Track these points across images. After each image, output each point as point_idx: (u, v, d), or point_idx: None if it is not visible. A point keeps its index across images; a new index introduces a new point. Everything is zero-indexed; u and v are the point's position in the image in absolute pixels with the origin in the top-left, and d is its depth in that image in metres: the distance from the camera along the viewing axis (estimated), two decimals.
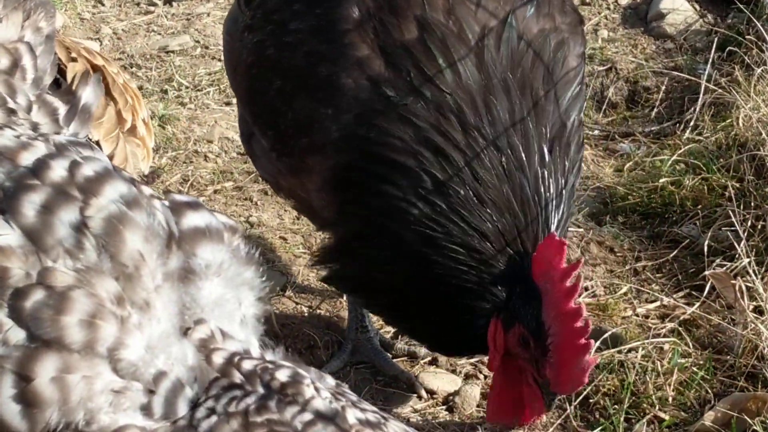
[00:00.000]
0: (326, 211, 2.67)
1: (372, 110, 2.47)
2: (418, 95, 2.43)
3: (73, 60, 2.73)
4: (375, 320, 3.05)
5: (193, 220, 1.58)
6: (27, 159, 1.53)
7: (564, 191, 2.53)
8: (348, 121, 2.48)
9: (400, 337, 3.09)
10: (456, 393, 2.81)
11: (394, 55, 2.47)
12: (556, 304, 2.35)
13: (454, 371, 2.91)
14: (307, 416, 1.43)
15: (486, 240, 2.46)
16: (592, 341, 2.33)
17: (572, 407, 2.67)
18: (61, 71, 2.59)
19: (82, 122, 2.03)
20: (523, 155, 2.46)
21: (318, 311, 3.17)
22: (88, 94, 2.17)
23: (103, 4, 4.92)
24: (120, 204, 1.50)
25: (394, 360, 2.97)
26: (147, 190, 1.60)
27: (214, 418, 1.43)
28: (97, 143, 2.60)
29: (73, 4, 4.97)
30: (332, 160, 2.51)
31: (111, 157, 2.44)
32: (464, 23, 2.48)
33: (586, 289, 3.12)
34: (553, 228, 2.48)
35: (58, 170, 1.51)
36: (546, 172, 2.49)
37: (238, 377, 1.48)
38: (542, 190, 2.49)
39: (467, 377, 2.90)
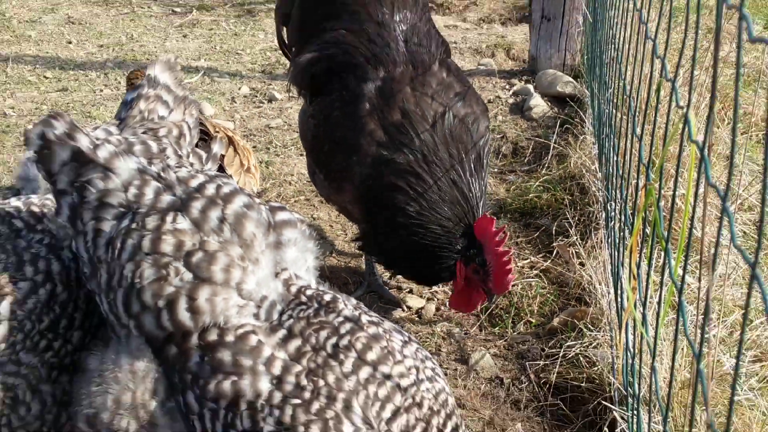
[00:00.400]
0: (356, 213, 3.27)
1: (377, 160, 3.03)
2: (401, 151, 3.01)
3: (216, 132, 3.34)
4: (380, 270, 3.62)
5: (281, 216, 1.95)
6: (194, 183, 1.86)
7: (483, 192, 3.10)
8: (365, 165, 3.04)
9: (393, 278, 3.67)
10: (422, 308, 3.50)
11: (388, 129, 3.03)
12: (494, 253, 2.92)
13: (421, 296, 3.59)
14: (340, 318, 1.82)
15: (449, 221, 3.01)
16: (513, 266, 2.91)
17: (485, 316, 3.38)
18: (211, 137, 3.15)
19: (213, 162, 2.44)
20: (461, 174, 3.03)
21: (349, 265, 3.84)
22: (217, 148, 2.73)
23: (235, 102, 5.70)
24: (243, 207, 1.85)
25: (390, 290, 3.60)
26: (257, 200, 1.93)
27: (291, 320, 1.80)
28: (230, 176, 2.67)
29: (220, 103, 5.65)
30: (357, 188, 3.11)
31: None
32: (425, 110, 3.06)
33: None
34: (482, 211, 3.07)
35: (210, 189, 1.85)
36: (474, 182, 3.06)
37: (304, 298, 1.87)
38: (473, 191, 3.06)
39: (428, 300, 3.57)
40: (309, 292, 1.87)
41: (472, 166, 3.10)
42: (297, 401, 1.66)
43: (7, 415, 1.89)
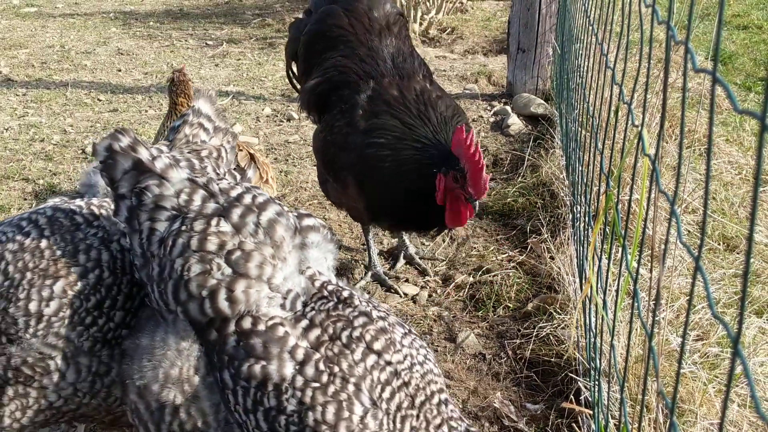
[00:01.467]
0: (360, 204, 3.24)
1: (362, 145, 3.07)
2: (378, 130, 3.03)
3: (240, 150, 3.36)
4: (381, 262, 3.65)
5: (307, 222, 1.95)
6: (234, 193, 1.86)
7: (454, 113, 3.13)
8: (355, 153, 3.09)
9: (392, 269, 3.68)
10: (416, 295, 3.49)
11: (370, 119, 3.06)
12: (467, 157, 2.82)
13: (416, 284, 3.57)
14: (355, 313, 1.82)
15: (422, 139, 2.99)
16: (485, 165, 2.84)
17: (471, 302, 3.37)
18: (236, 154, 2.93)
19: (246, 181, 2.42)
20: (431, 113, 3.07)
21: (355, 258, 3.83)
22: (251, 174, 3.01)
23: (259, 121, 5.72)
24: (275, 214, 1.85)
25: (389, 280, 3.58)
26: (286, 207, 1.92)
27: (313, 312, 1.80)
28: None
29: (246, 121, 5.67)
30: (355, 177, 3.13)
31: None
32: (408, 101, 3.09)
33: (474, 249, 3.79)
34: (454, 126, 3.03)
35: (247, 198, 1.84)
36: (441, 105, 3.09)
37: (325, 293, 1.86)
38: (440, 111, 3.07)
39: (421, 288, 3.55)
40: (330, 288, 1.87)
41: (443, 115, 3.10)
42: (316, 384, 1.67)
43: (39, 381, 1.92)
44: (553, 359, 2.92)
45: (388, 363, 1.75)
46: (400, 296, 3.51)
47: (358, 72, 3.24)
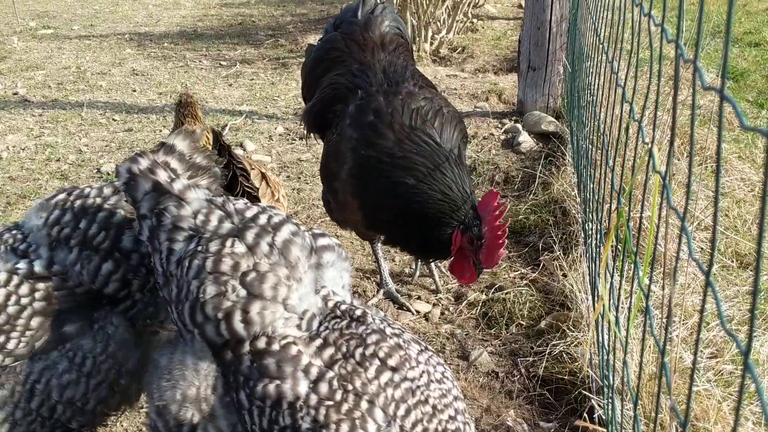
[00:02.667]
0: (357, 218, 3.18)
1: (354, 156, 2.99)
2: (371, 144, 2.93)
3: (252, 169, 3.25)
4: (393, 281, 3.63)
5: (322, 241, 1.96)
6: (249, 213, 1.88)
7: (470, 188, 2.98)
8: (347, 164, 3.02)
9: (404, 286, 3.65)
10: (429, 312, 3.46)
11: (362, 129, 2.98)
12: (491, 227, 2.78)
13: (428, 302, 3.53)
14: (368, 330, 1.81)
15: (454, 199, 2.87)
16: (506, 242, 2.76)
17: (484, 320, 3.34)
18: (248, 173, 2.95)
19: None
20: (447, 167, 2.92)
21: (367, 275, 3.80)
22: (263, 188, 3.03)
23: (272, 139, 5.76)
24: (290, 234, 1.86)
25: (401, 297, 3.56)
26: (302, 227, 1.93)
27: (327, 331, 1.80)
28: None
29: (259, 140, 5.76)
30: (349, 188, 3.06)
31: None
32: (395, 107, 2.99)
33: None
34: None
35: (263, 218, 1.86)
36: (461, 175, 2.94)
37: (338, 312, 1.86)
38: (463, 185, 2.92)
39: (434, 305, 3.52)
40: (343, 307, 1.87)
41: (455, 156, 3.00)
42: (330, 403, 1.67)
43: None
44: (566, 377, 2.90)
45: (403, 379, 1.74)
46: (413, 314, 3.50)
47: (349, 86, 3.25)
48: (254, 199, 2.97)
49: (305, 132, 3.31)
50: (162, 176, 1.91)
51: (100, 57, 8.67)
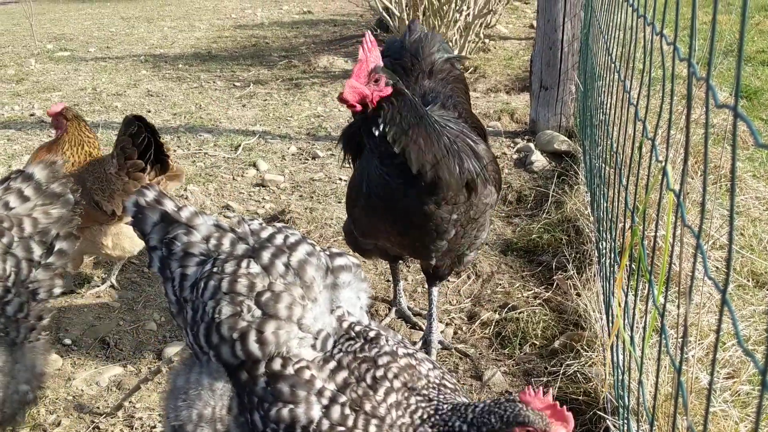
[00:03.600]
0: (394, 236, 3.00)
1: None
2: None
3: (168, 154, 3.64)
4: (405, 299, 3.61)
5: (338, 261, 1.96)
6: (264, 233, 1.89)
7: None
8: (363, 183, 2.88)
9: (417, 305, 3.65)
10: (442, 332, 3.43)
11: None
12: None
13: (441, 321, 3.50)
14: (380, 353, 1.82)
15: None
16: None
17: (497, 340, 3.32)
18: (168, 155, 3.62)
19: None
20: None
21: (379, 294, 3.79)
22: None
23: (285, 159, 5.79)
24: (306, 254, 1.87)
25: (413, 316, 3.58)
26: (318, 247, 1.94)
27: (341, 354, 1.80)
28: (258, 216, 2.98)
29: (272, 160, 5.85)
30: (366, 205, 2.92)
31: None
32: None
33: (500, 286, 3.73)
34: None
35: (279, 239, 1.88)
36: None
37: (353, 333, 1.88)
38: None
39: (447, 324, 3.51)
40: (357, 329, 1.88)
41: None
42: (341, 428, 1.68)
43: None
44: (581, 397, 2.86)
45: (408, 398, 1.74)
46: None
47: None
48: (166, 163, 3.62)
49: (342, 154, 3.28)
50: (169, 206, 1.93)
51: (115, 78, 8.76)
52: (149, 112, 7.28)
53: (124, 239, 3.59)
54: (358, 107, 2.62)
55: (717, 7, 1.21)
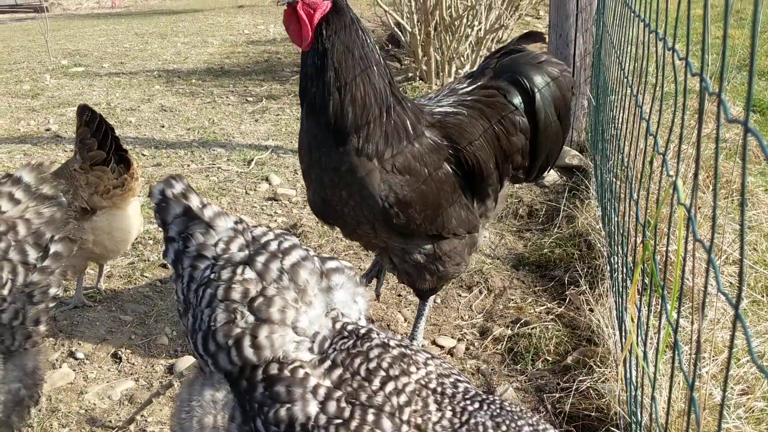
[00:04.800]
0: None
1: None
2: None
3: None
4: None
5: (330, 264, 1.97)
6: (263, 239, 1.92)
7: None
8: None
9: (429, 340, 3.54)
10: (453, 347, 3.41)
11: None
12: None
13: (452, 337, 3.49)
14: (371, 345, 1.80)
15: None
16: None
17: (509, 355, 3.28)
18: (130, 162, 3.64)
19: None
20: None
21: (374, 301, 3.87)
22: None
23: (297, 173, 5.51)
24: (299, 258, 1.88)
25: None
26: (312, 252, 1.96)
27: (335, 352, 1.80)
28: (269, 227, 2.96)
29: (284, 174, 5.86)
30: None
31: None
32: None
33: (512, 301, 3.72)
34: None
35: (273, 245, 1.90)
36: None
37: (346, 333, 1.86)
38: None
39: (458, 340, 3.47)
40: (350, 327, 1.88)
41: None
42: (338, 421, 1.67)
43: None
44: (593, 413, 2.85)
45: (407, 384, 1.72)
46: (438, 348, 3.46)
47: None
48: (127, 161, 3.64)
49: None
50: (194, 202, 1.94)
51: (129, 93, 8.85)
52: (163, 127, 7.34)
53: (101, 234, 3.56)
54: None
55: (728, 21, 1.21)
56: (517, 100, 3.08)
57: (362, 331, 1.86)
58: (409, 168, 2.80)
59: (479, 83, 3.15)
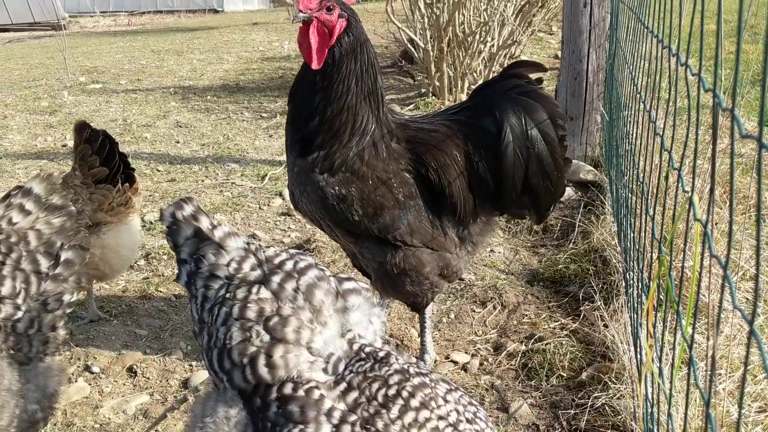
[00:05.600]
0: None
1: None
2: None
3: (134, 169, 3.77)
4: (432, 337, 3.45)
5: (347, 285, 1.95)
6: (277, 259, 1.91)
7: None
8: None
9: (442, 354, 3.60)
10: (467, 363, 3.40)
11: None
12: None
13: (466, 352, 3.48)
14: (390, 371, 1.79)
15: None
16: None
17: (524, 371, 3.27)
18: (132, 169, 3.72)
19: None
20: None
21: (404, 327, 3.84)
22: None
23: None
24: (315, 278, 1.88)
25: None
26: (328, 271, 1.94)
27: (351, 375, 1.79)
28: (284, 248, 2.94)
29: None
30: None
31: None
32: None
33: (526, 316, 3.72)
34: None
35: (288, 264, 1.89)
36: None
37: (363, 355, 1.85)
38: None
39: (472, 356, 3.45)
40: (367, 350, 1.86)
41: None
42: None
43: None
44: (609, 430, 2.82)
45: (429, 419, 1.70)
46: (452, 363, 3.45)
47: None
48: (132, 179, 3.70)
49: None
50: (204, 223, 1.95)
51: (145, 110, 8.94)
52: (178, 142, 7.40)
53: (109, 252, 3.57)
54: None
55: (742, 36, 1.21)
56: (490, 129, 3.06)
57: (381, 354, 1.84)
58: (352, 169, 2.91)
59: (465, 105, 3.20)
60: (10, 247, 2.23)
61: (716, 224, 3.93)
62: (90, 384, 3.30)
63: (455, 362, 3.46)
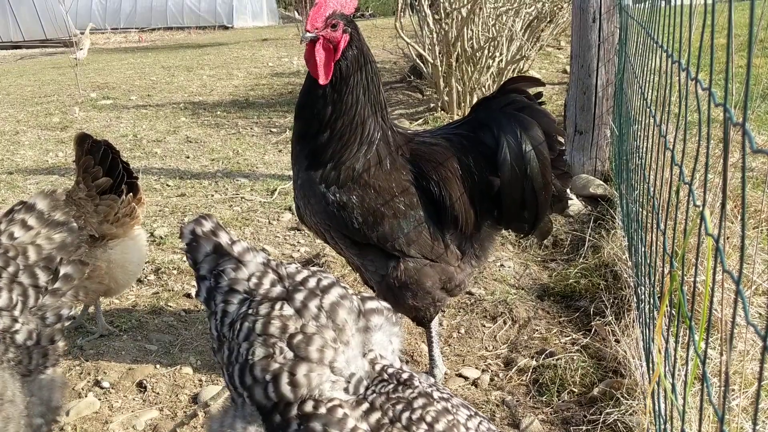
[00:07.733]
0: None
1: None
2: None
3: (136, 177, 3.69)
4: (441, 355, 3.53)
5: (370, 304, 1.93)
6: (299, 277, 1.90)
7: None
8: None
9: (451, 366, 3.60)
10: (478, 378, 3.39)
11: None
12: None
13: (476, 368, 3.46)
14: (414, 394, 1.78)
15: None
16: None
17: (534, 387, 3.26)
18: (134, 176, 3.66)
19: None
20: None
21: (414, 342, 3.84)
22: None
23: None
24: (338, 297, 1.86)
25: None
26: (351, 290, 1.94)
27: (374, 395, 1.78)
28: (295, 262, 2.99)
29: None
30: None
31: None
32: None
33: (537, 332, 3.70)
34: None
35: (312, 282, 1.88)
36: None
37: (386, 376, 1.84)
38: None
39: (483, 371, 3.44)
40: (390, 371, 1.86)
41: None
42: None
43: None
44: None
45: None
46: (463, 379, 3.43)
47: None
48: (135, 188, 3.67)
49: None
50: (224, 238, 1.95)
51: (155, 125, 8.99)
52: (188, 157, 7.45)
53: (115, 267, 3.56)
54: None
55: (752, 50, 1.22)
56: (489, 144, 3.09)
57: (404, 376, 1.84)
58: (357, 179, 2.96)
59: (465, 120, 3.23)
60: (7, 261, 2.26)
61: (728, 238, 3.91)
62: (100, 399, 3.30)
63: (466, 378, 3.44)
